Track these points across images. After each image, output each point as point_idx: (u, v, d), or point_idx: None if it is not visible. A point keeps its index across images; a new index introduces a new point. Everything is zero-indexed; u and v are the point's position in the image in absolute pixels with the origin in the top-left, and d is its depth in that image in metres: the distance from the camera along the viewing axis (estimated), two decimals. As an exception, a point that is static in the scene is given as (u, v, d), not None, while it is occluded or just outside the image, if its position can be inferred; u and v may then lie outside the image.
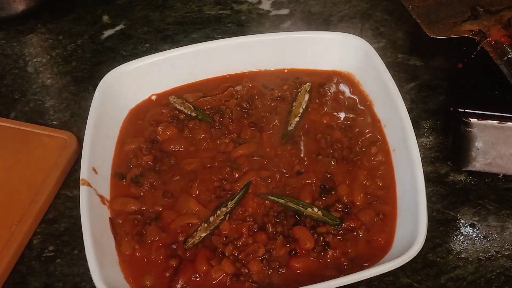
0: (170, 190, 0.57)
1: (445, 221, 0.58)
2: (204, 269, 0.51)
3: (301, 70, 0.67)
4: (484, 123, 0.56)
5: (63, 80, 0.74)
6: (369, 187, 0.57)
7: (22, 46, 0.78)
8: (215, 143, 0.60)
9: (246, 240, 0.53)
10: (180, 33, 0.79)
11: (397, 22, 0.78)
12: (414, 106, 0.68)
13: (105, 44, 0.78)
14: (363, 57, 0.64)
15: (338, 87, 0.65)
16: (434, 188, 0.61)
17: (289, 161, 0.59)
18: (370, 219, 0.54)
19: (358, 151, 0.59)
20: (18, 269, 0.56)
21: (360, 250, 0.53)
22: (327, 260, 0.52)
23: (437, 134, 0.65)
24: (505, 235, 0.57)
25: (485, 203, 0.59)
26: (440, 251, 0.56)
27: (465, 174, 0.62)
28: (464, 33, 0.63)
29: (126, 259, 0.53)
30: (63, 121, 0.69)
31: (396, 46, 0.75)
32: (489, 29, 0.62)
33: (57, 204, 0.61)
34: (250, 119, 0.62)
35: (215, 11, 0.82)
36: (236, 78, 0.66)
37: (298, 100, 0.63)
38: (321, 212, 0.54)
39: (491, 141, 0.57)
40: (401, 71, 0.72)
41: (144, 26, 0.80)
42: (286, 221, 0.54)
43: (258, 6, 0.82)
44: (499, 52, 0.59)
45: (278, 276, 0.51)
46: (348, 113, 0.63)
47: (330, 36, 0.66)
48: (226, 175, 0.57)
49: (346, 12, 0.80)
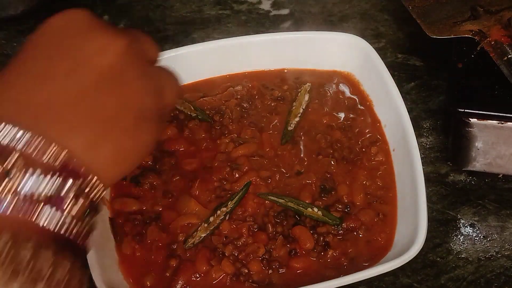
0: (170, 190, 0.57)
1: (445, 221, 0.58)
2: (204, 269, 0.51)
3: (301, 70, 0.67)
4: (484, 123, 0.56)
5: (63, 80, 0.74)
6: (369, 187, 0.57)
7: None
8: (215, 143, 0.60)
9: (246, 240, 0.53)
10: (180, 33, 0.79)
11: (397, 22, 0.78)
12: (414, 106, 0.68)
13: (105, 44, 0.78)
14: (363, 57, 0.64)
15: (338, 87, 0.65)
16: (434, 188, 0.61)
17: (289, 161, 0.59)
18: (370, 219, 0.54)
19: (358, 151, 0.59)
20: (18, 269, 0.56)
21: (360, 250, 0.53)
22: (327, 260, 0.52)
23: (437, 134, 0.65)
24: (505, 235, 0.57)
25: (485, 203, 0.59)
26: (440, 251, 0.56)
27: (465, 174, 0.62)
28: (464, 33, 0.63)
29: (126, 259, 0.53)
30: (63, 121, 0.69)
31: (396, 46, 0.75)
32: (489, 29, 0.62)
33: (57, 204, 0.61)
34: (250, 119, 0.62)
35: (215, 11, 0.82)
36: (236, 78, 0.66)
37: (298, 100, 0.63)
38: (321, 212, 0.54)
39: (491, 141, 0.57)
40: (401, 71, 0.72)
41: (144, 26, 0.80)
42: (286, 221, 0.54)
43: (258, 6, 0.82)
44: (499, 52, 0.59)
45: (278, 276, 0.51)
46: (348, 113, 0.63)
47: (330, 36, 0.66)
48: (226, 175, 0.57)
49: (346, 12, 0.80)
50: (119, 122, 0.36)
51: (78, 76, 0.35)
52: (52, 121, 0.34)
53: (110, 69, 0.36)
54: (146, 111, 0.38)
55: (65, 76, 0.35)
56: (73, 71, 0.35)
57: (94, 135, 0.35)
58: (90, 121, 0.35)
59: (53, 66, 0.36)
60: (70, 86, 0.35)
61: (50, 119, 0.34)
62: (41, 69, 0.36)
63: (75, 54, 0.36)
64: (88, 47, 0.37)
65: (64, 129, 0.34)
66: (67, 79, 0.35)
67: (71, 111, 0.35)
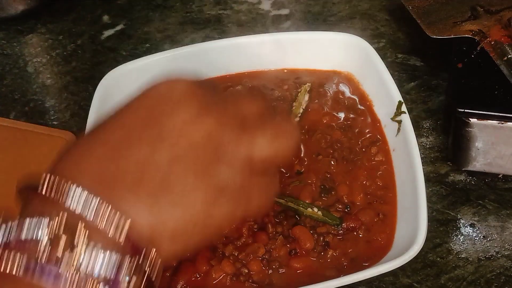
0: (170, 190, 0.57)
1: (445, 221, 0.58)
2: (204, 269, 0.51)
3: (301, 70, 0.67)
4: (484, 123, 0.56)
5: (63, 80, 0.74)
6: (369, 187, 0.57)
7: (22, 46, 0.78)
8: (215, 143, 0.60)
9: (246, 240, 0.53)
10: (180, 33, 0.79)
11: (397, 22, 0.78)
12: (414, 106, 0.68)
13: (105, 44, 0.78)
14: (363, 57, 0.64)
15: (338, 87, 0.65)
16: (434, 188, 0.61)
17: (289, 161, 0.59)
18: (370, 219, 0.54)
19: (358, 151, 0.59)
20: (18, 269, 0.56)
21: (360, 250, 0.53)
22: (327, 260, 0.52)
23: (437, 134, 0.65)
24: (505, 235, 0.57)
25: (485, 203, 0.59)
26: (440, 251, 0.56)
27: (465, 174, 0.62)
28: (464, 33, 0.63)
29: (126, 259, 0.53)
30: (63, 121, 0.69)
31: (396, 46, 0.75)
32: (489, 29, 0.62)
33: (57, 204, 0.61)
34: (250, 119, 0.62)
35: (215, 11, 0.82)
36: (236, 78, 0.66)
37: (298, 100, 0.63)
38: (321, 212, 0.54)
39: (491, 141, 0.57)
40: (401, 71, 0.72)
41: (144, 26, 0.80)
42: (286, 221, 0.54)
43: (258, 6, 0.82)
44: (499, 52, 0.59)
45: (278, 276, 0.51)
46: (348, 113, 0.63)
47: (330, 36, 0.66)
48: (226, 175, 0.57)
49: (346, 12, 0.80)
50: (195, 197, 0.34)
51: (159, 149, 0.34)
52: (122, 192, 0.33)
53: (195, 144, 0.35)
54: (230, 187, 0.36)
55: (149, 147, 0.34)
56: (158, 142, 0.34)
57: (162, 206, 0.33)
58: (162, 194, 0.34)
59: (138, 136, 0.35)
60: (151, 156, 0.34)
61: (121, 189, 0.33)
62: (126, 137, 0.35)
63: (163, 124, 0.35)
64: (175, 118, 0.35)
65: (134, 201, 0.33)
66: (151, 150, 0.34)
67: (146, 183, 0.33)
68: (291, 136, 0.40)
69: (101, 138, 0.35)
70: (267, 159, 0.38)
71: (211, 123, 0.35)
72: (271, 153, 0.38)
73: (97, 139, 0.36)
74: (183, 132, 0.35)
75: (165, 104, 0.36)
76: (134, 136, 0.35)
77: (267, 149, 0.38)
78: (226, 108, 0.37)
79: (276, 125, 0.40)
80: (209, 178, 0.35)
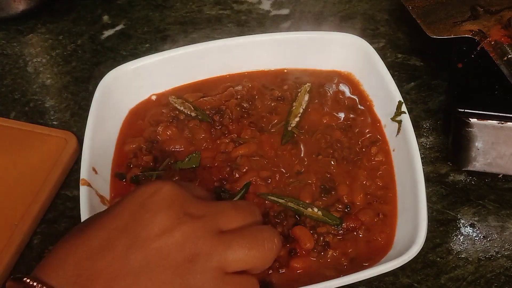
0: (170, 190, 0.57)
1: (445, 221, 0.58)
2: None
3: (301, 70, 0.67)
4: (484, 123, 0.56)
5: (63, 80, 0.74)
6: (369, 187, 0.57)
7: (22, 46, 0.78)
8: (215, 143, 0.60)
9: (246, 240, 0.53)
10: (180, 33, 0.79)
11: (397, 22, 0.78)
12: (414, 106, 0.68)
13: (105, 44, 0.78)
14: (363, 57, 0.64)
15: (338, 87, 0.65)
16: (434, 188, 0.61)
17: (289, 161, 0.59)
18: (370, 219, 0.54)
19: (358, 151, 0.59)
20: (18, 269, 0.56)
21: (360, 250, 0.53)
22: (327, 260, 0.52)
23: (437, 134, 0.65)
24: (505, 235, 0.57)
25: (485, 203, 0.59)
26: (440, 251, 0.56)
27: (465, 174, 0.62)
28: (464, 33, 0.63)
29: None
30: (63, 121, 0.69)
31: (396, 46, 0.75)
32: (489, 29, 0.62)
33: (57, 204, 0.61)
34: (250, 119, 0.62)
35: (215, 11, 0.82)
36: (236, 78, 0.66)
37: (298, 100, 0.63)
38: (321, 212, 0.54)
39: (491, 141, 0.57)
40: (401, 71, 0.72)
41: (144, 26, 0.80)
42: (286, 221, 0.54)
43: (258, 6, 0.82)
44: (499, 52, 0.59)
45: (278, 276, 0.51)
46: (348, 113, 0.63)
47: (330, 36, 0.66)
48: (226, 175, 0.57)
49: (346, 12, 0.80)
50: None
51: (133, 253, 0.38)
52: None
53: (167, 253, 0.38)
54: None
55: (122, 251, 0.38)
56: (130, 248, 0.38)
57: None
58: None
59: (117, 239, 0.38)
60: (123, 261, 0.37)
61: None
62: (106, 240, 0.38)
63: (138, 230, 0.39)
64: (151, 226, 0.39)
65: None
66: (124, 254, 0.38)
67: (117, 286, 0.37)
68: (269, 247, 0.42)
69: (83, 240, 0.39)
70: (242, 267, 0.41)
71: (185, 233, 0.39)
72: (246, 262, 0.41)
73: (79, 242, 0.39)
74: (157, 242, 0.38)
75: (146, 211, 0.39)
76: (113, 240, 0.38)
77: (242, 258, 0.40)
78: (204, 218, 0.40)
79: (253, 235, 0.42)
80: (179, 284, 0.38)
